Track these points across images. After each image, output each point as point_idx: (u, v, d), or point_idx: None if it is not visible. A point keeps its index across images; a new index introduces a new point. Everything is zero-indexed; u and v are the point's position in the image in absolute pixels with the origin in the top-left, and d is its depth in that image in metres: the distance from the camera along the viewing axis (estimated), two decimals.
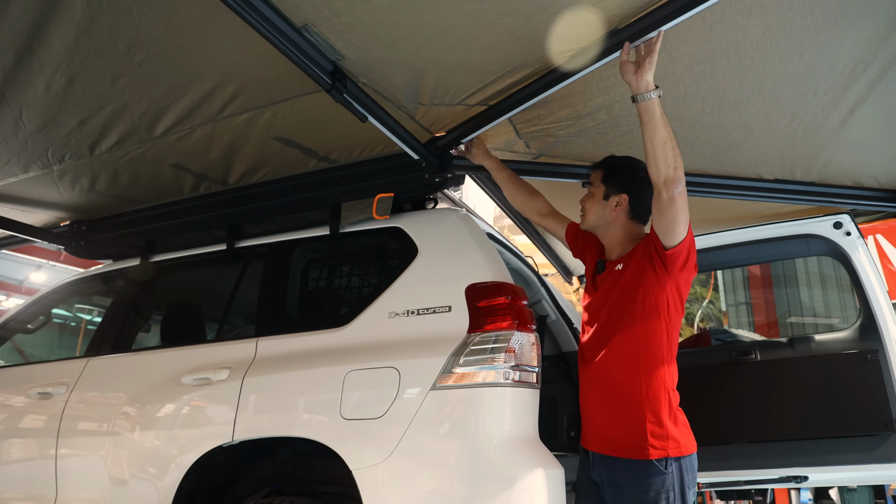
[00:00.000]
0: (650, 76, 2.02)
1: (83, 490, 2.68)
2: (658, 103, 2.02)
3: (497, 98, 2.52)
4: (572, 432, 3.21)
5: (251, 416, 2.39)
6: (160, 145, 2.78)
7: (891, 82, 2.40)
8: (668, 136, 2.02)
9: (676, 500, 2.07)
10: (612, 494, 2.17)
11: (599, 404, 2.25)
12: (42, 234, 3.71)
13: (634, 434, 2.12)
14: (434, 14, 1.99)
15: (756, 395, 3.19)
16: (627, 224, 2.36)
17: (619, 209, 2.34)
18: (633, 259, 2.24)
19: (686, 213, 2.08)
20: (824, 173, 3.14)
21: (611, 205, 2.35)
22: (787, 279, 9.61)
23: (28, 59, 2.23)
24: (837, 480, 3.59)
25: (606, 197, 2.36)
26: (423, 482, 2.10)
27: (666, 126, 2.03)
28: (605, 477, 2.21)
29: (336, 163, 2.93)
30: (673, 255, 2.11)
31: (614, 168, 2.41)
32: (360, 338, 2.37)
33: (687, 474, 2.10)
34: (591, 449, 2.27)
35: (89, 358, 3.01)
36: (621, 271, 2.27)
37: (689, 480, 2.10)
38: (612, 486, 2.17)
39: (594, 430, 2.27)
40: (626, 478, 2.12)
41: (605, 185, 2.38)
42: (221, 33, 2.09)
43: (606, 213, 2.36)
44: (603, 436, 2.22)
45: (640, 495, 2.07)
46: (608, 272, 2.34)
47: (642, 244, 2.24)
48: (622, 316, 2.21)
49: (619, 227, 2.36)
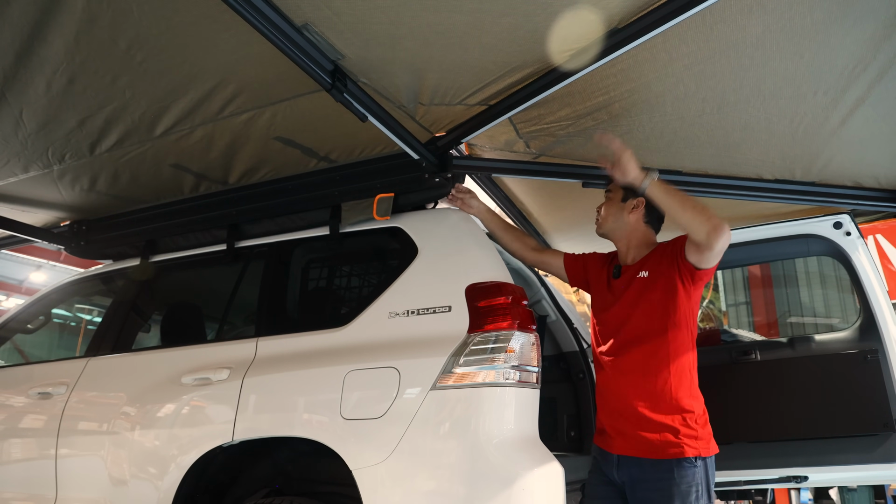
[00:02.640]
0: (634, 169, 2.25)
1: (83, 490, 2.68)
2: (657, 184, 2.22)
3: (497, 98, 2.52)
4: (572, 432, 3.21)
5: (251, 416, 2.38)
6: (160, 145, 2.78)
7: (891, 82, 2.40)
8: (682, 201, 2.19)
9: (703, 495, 2.13)
10: (641, 490, 2.20)
11: (630, 411, 2.27)
12: (42, 234, 3.70)
13: (669, 436, 2.18)
14: (434, 14, 1.99)
15: (756, 395, 3.19)
16: (642, 228, 2.48)
17: (635, 212, 2.47)
18: (661, 269, 2.32)
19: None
20: (824, 173, 3.14)
21: (628, 207, 2.47)
22: (787, 279, 9.61)
23: (28, 59, 2.23)
24: (837, 480, 3.59)
25: (625, 199, 2.48)
26: (423, 482, 2.10)
27: (676, 195, 2.20)
28: (634, 473, 2.23)
29: (336, 163, 2.93)
30: (706, 274, 2.27)
31: None
32: (360, 338, 2.37)
33: (710, 472, 2.16)
34: (620, 452, 2.29)
35: (89, 358, 3.01)
36: (647, 280, 2.33)
37: (711, 479, 2.16)
38: (641, 481, 2.20)
39: (623, 435, 2.29)
40: (656, 472, 2.16)
41: (624, 189, 2.48)
42: (222, 32, 2.09)
43: (624, 215, 2.48)
44: (635, 439, 2.25)
45: (671, 488, 2.11)
46: (628, 278, 2.39)
47: (667, 255, 2.33)
48: (654, 325, 2.28)
49: (634, 231, 2.47)
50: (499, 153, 3.14)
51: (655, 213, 2.48)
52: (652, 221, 2.50)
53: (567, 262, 2.69)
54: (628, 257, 2.47)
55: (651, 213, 2.47)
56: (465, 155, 3.15)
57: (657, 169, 2.19)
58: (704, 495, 2.13)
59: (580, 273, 2.65)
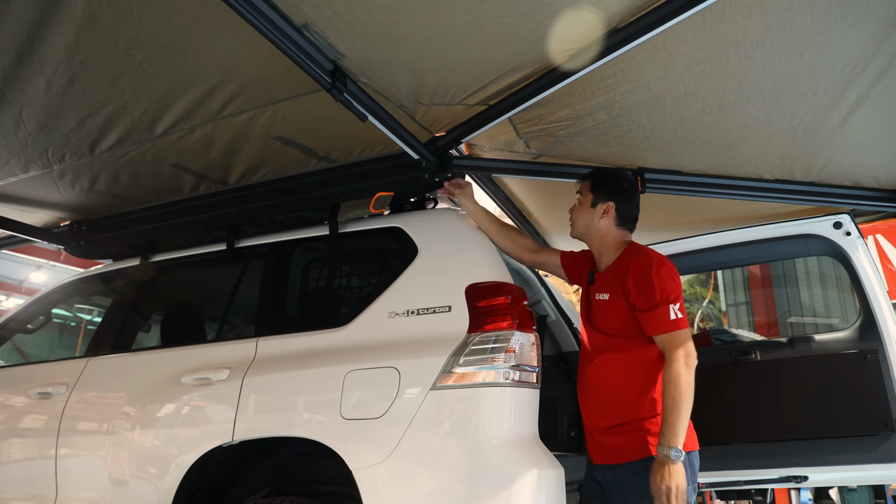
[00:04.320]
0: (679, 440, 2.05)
1: (83, 490, 2.68)
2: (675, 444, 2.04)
3: (497, 98, 2.52)
4: (572, 432, 3.21)
5: (251, 416, 2.38)
6: (160, 145, 2.78)
7: (891, 82, 2.40)
8: (683, 413, 2.07)
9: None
10: (617, 492, 2.22)
11: (598, 420, 2.30)
12: (42, 234, 3.71)
13: (637, 439, 2.17)
14: (434, 13, 1.99)
15: (756, 395, 3.19)
16: (614, 231, 2.42)
17: (606, 216, 2.41)
18: (617, 290, 2.29)
19: None
20: (824, 173, 3.14)
21: (598, 212, 2.41)
22: (787, 279, 9.61)
23: (28, 58, 2.23)
24: (837, 480, 3.59)
25: (594, 205, 2.43)
26: (423, 482, 2.10)
27: (681, 419, 2.07)
28: (608, 476, 2.25)
29: (336, 163, 2.93)
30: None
31: (601, 178, 2.48)
32: (360, 338, 2.37)
33: (687, 469, 2.11)
34: (596, 462, 2.32)
35: (89, 358, 3.01)
36: (606, 302, 2.32)
37: (689, 476, 2.12)
38: (616, 483, 2.22)
39: (595, 444, 2.32)
40: (629, 475, 2.16)
41: (592, 193, 2.44)
42: (221, 32, 2.09)
43: (594, 220, 2.42)
44: (605, 447, 2.27)
45: (642, 489, 2.08)
46: (595, 290, 2.40)
47: (625, 285, 2.25)
48: (612, 337, 2.29)
49: (606, 235, 2.42)
50: (499, 153, 3.14)
51: (627, 215, 2.42)
52: (625, 223, 2.42)
53: (564, 260, 2.67)
54: (601, 262, 2.44)
55: (623, 215, 2.40)
56: (465, 155, 3.15)
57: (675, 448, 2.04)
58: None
59: (576, 271, 2.64)
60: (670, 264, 2.27)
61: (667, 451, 2.02)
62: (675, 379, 2.08)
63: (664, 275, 2.20)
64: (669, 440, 2.03)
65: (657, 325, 2.16)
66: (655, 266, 2.21)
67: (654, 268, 2.20)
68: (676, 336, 2.13)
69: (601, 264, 2.44)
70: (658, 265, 2.22)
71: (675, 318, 2.14)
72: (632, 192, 2.43)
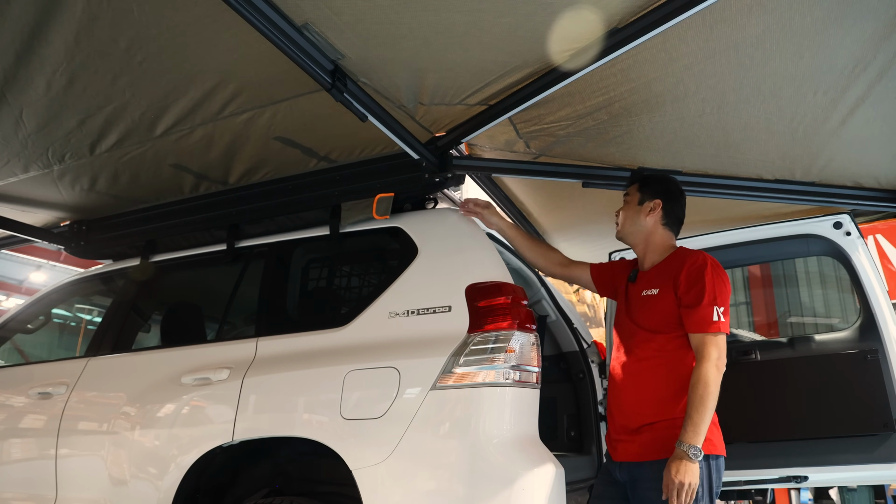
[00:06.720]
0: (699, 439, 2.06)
1: (83, 490, 2.68)
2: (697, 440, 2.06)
3: (497, 98, 2.52)
4: (572, 432, 3.21)
5: (251, 416, 2.38)
6: (160, 145, 2.78)
7: (891, 82, 2.40)
8: (708, 410, 2.09)
9: (705, 495, 2.09)
10: (641, 488, 2.19)
11: (630, 417, 2.27)
12: (42, 234, 3.71)
13: (665, 437, 2.16)
14: (434, 13, 1.99)
15: (756, 395, 3.18)
16: (660, 231, 2.44)
17: (652, 214, 2.44)
18: (667, 287, 2.29)
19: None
20: (824, 173, 3.14)
21: (645, 210, 2.44)
22: (787, 279, 9.59)
23: (28, 58, 2.23)
24: (837, 480, 3.58)
25: (641, 202, 2.46)
26: (423, 482, 2.10)
27: (705, 414, 2.08)
28: (635, 472, 2.22)
29: (336, 163, 2.93)
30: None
31: (649, 178, 2.56)
32: (360, 338, 2.37)
33: (715, 473, 2.13)
34: (622, 459, 2.29)
35: (89, 358, 3.01)
36: (655, 297, 2.31)
37: (716, 480, 2.13)
38: (641, 479, 2.19)
39: (624, 442, 2.29)
40: (654, 472, 2.13)
41: (640, 193, 2.48)
42: (222, 32, 2.09)
43: (641, 217, 2.45)
44: (635, 445, 2.24)
45: None
46: (640, 288, 2.38)
47: (675, 283, 2.27)
48: (653, 331, 2.28)
49: (652, 234, 2.44)
50: (499, 153, 3.14)
51: (674, 215, 2.45)
52: (670, 224, 2.45)
53: (594, 273, 2.67)
54: (646, 262, 2.45)
55: (669, 216, 2.44)
56: (465, 155, 3.15)
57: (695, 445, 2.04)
58: (706, 496, 2.10)
59: (608, 282, 2.64)
60: (724, 270, 2.30)
61: (686, 448, 2.03)
62: (705, 378, 2.09)
63: (717, 277, 2.23)
64: (690, 438, 2.03)
65: (699, 323, 2.17)
66: (710, 267, 2.24)
67: (710, 268, 2.24)
68: (714, 337, 2.15)
69: (645, 264, 2.45)
70: (713, 267, 2.26)
71: (718, 320, 2.16)
72: (678, 194, 2.47)
